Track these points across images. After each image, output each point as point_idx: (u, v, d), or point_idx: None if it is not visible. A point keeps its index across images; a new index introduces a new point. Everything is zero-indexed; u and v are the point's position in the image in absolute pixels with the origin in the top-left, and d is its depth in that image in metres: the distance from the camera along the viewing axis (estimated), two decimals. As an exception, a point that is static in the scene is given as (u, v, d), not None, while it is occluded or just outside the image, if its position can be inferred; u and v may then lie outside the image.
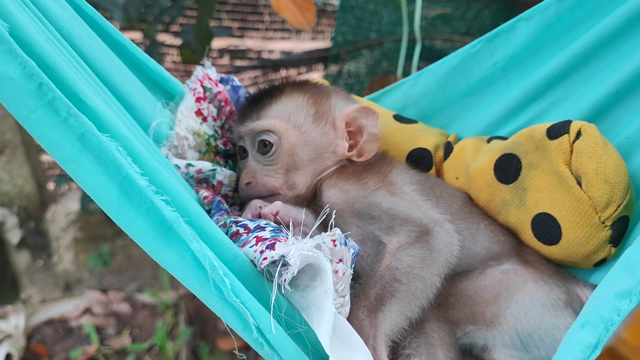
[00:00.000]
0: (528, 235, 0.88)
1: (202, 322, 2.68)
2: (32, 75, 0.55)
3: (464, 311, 0.81)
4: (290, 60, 2.73)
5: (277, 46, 2.83)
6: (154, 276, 2.80)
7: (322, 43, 2.84)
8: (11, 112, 0.56)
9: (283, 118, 0.90)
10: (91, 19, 0.82)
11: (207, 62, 0.97)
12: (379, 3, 2.36)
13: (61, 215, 2.63)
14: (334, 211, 0.70)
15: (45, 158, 3.00)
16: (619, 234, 0.81)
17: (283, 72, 2.78)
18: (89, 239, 2.70)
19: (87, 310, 2.65)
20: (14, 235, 2.60)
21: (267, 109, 0.91)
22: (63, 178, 2.21)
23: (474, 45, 1.03)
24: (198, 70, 0.96)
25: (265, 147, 0.89)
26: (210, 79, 0.95)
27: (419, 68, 1.94)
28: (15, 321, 2.53)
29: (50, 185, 2.77)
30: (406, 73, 2.04)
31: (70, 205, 2.65)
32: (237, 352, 0.76)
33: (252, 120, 0.91)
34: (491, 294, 0.82)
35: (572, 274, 0.88)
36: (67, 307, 2.65)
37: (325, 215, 0.70)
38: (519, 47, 1.00)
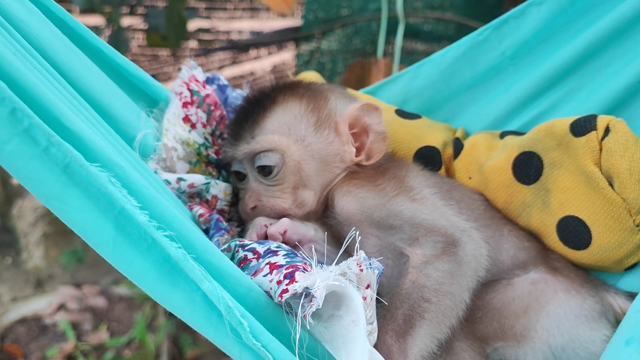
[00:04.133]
0: (553, 239, 0.83)
1: (183, 312, 2.69)
2: (2, 100, 0.46)
3: (492, 325, 0.76)
4: (260, 40, 2.68)
5: (245, 26, 2.76)
6: (129, 267, 2.80)
7: (292, 21, 2.79)
8: (-21, 144, 0.47)
9: (282, 132, 0.81)
10: (62, 22, 0.72)
11: (192, 62, 0.88)
12: (350, -21, 2.31)
13: (28, 211, 2.62)
14: (357, 232, 0.63)
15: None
16: None
17: (253, 53, 2.70)
18: (59, 233, 2.66)
19: (61, 307, 2.60)
20: (-22, 234, 2.58)
21: (262, 124, 0.82)
22: None
23: (480, 33, 0.97)
24: (183, 72, 0.87)
25: (267, 169, 0.81)
26: (197, 80, 0.86)
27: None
28: (-14, 321, 2.50)
29: (15, 180, 2.74)
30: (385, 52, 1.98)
31: (37, 199, 2.64)
32: None
33: (247, 142, 0.82)
34: (520, 307, 0.77)
35: (602, 280, 0.83)
36: (39, 304, 2.60)
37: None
38: (529, 33, 0.94)
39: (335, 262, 0.59)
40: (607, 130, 0.76)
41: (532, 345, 0.75)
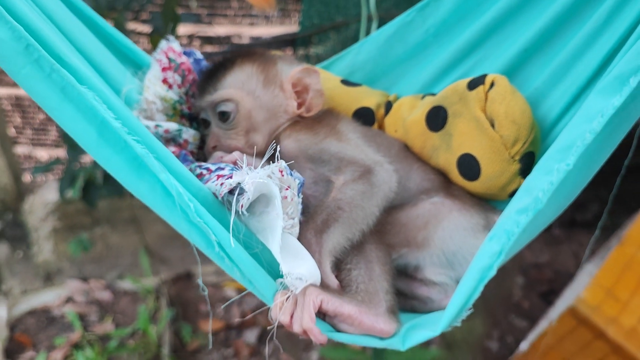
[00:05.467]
0: (455, 174, 1.01)
1: (183, 305, 2.75)
2: (20, 38, 0.65)
3: (399, 236, 0.94)
4: (259, 45, 2.80)
5: (246, 32, 2.91)
6: (134, 263, 2.86)
7: (291, 28, 2.91)
8: (4, 69, 0.67)
9: (237, 87, 1.00)
10: None
11: (170, 37, 1.08)
12: (344, -14, 2.44)
13: (39, 206, 2.71)
14: (278, 146, 0.81)
15: (19, 150, 3.05)
16: (527, 167, 0.94)
17: None
18: (67, 228, 2.77)
19: (69, 299, 2.71)
20: (-9, 228, 2.67)
21: (222, 80, 1.01)
22: (39, 169, 2.25)
23: (408, 15, 1.16)
24: (163, 43, 1.06)
25: (225, 115, 1.00)
26: (174, 51, 1.06)
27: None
28: (-3, 312, 2.58)
29: (27, 177, 2.85)
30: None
31: (48, 195, 2.71)
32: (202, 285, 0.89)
33: (210, 94, 1.01)
34: (422, 222, 0.95)
35: (492, 205, 1.02)
36: (48, 297, 2.72)
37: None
38: (447, 14, 1.13)
39: (260, 166, 0.78)
40: (492, 84, 0.95)
41: (430, 251, 0.93)
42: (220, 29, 2.92)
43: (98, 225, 2.81)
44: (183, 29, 2.73)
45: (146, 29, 2.43)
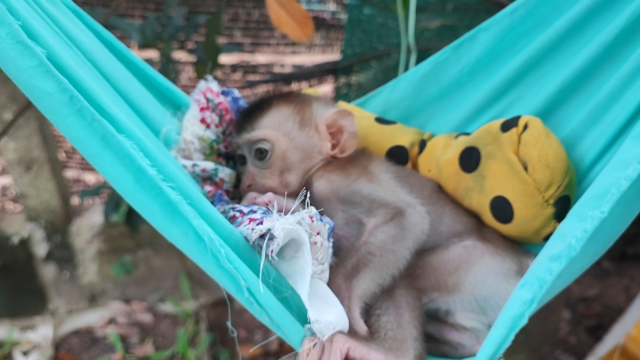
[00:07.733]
0: (488, 217, 1.00)
1: (222, 329, 2.78)
2: (65, 90, 0.68)
3: (430, 280, 0.93)
4: (301, 74, 2.84)
5: (288, 60, 2.94)
6: (174, 286, 2.90)
7: (332, 56, 2.92)
8: (49, 118, 0.70)
9: (274, 128, 1.02)
10: (109, 42, 0.97)
11: (209, 77, 1.12)
12: (386, 16, 2.45)
13: (85, 229, 2.76)
14: (308, 192, 0.83)
15: (69, 174, 3.16)
16: (562, 211, 0.92)
17: (294, 85, 2.89)
18: (112, 250, 2.82)
19: (112, 320, 2.79)
20: (41, 249, 2.74)
21: (260, 120, 1.03)
22: (87, 192, 2.30)
23: (442, 54, 1.16)
24: (201, 84, 1.10)
25: (261, 154, 1.02)
26: (212, 91, 1.09)
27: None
28: (44, 331, 2.69)
29: (75, 200, 2.91)
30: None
31: (94, 218, 2.78)
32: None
33: (248, 132, 1.03)
34: (453, 266, 0.93)
35: (525, 249, 1.00)
36: (92, 318, 2.79)
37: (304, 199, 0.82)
38: (481, 53, 1.12)
39: (290, 212, 0.79)
40: (525, 127, 0.94)
41: (461, 296, 0.92)
42: (262, 58, 2.97)
43: (141, 249, 2.86)
44: (227, 58, 2.79)
45: (192, 58, 2.49)
